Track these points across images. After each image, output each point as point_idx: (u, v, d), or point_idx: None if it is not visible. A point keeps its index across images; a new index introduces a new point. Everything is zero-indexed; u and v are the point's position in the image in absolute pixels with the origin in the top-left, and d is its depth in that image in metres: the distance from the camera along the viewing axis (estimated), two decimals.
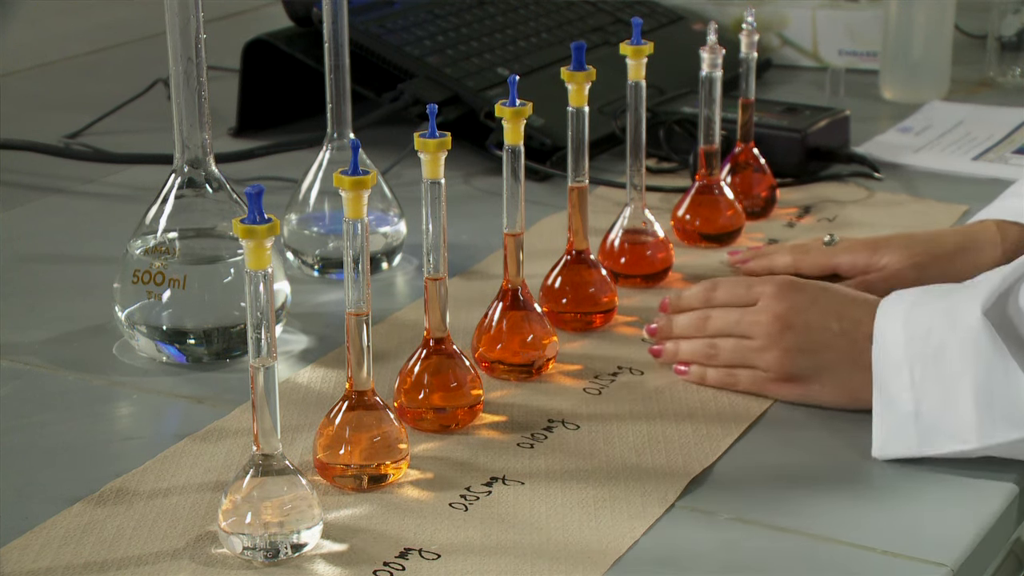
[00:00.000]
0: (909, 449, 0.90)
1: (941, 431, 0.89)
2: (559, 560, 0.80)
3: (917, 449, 0.90)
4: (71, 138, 1.51)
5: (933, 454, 0.90)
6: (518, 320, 1.00)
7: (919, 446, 0.90)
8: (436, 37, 1.51)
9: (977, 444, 0.88)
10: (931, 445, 0.90)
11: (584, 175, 1.04)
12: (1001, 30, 1.69)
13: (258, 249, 0.78)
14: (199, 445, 0.92)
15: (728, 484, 0.88)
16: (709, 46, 1.18)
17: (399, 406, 0.94)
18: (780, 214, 1.29)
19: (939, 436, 0.89)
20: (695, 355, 1.00)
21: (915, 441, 0.90)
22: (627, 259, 1.14)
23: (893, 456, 0.90)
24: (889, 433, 0.91)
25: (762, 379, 0.97)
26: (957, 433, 0.89)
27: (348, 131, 1.15)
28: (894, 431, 0.91)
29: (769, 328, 0.97)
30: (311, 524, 0.81)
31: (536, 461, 0.91)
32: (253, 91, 1.52)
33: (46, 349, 1.06)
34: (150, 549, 0.81)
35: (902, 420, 0.90)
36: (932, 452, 0.90)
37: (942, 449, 0.89)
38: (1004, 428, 0.87)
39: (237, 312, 1.02)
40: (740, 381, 0.98)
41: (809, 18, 1.73)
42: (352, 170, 0.83)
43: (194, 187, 1.03)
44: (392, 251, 1.19)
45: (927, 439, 0.90)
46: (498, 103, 0.95)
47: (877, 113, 1.58)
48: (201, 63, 0.99)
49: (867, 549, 0.81)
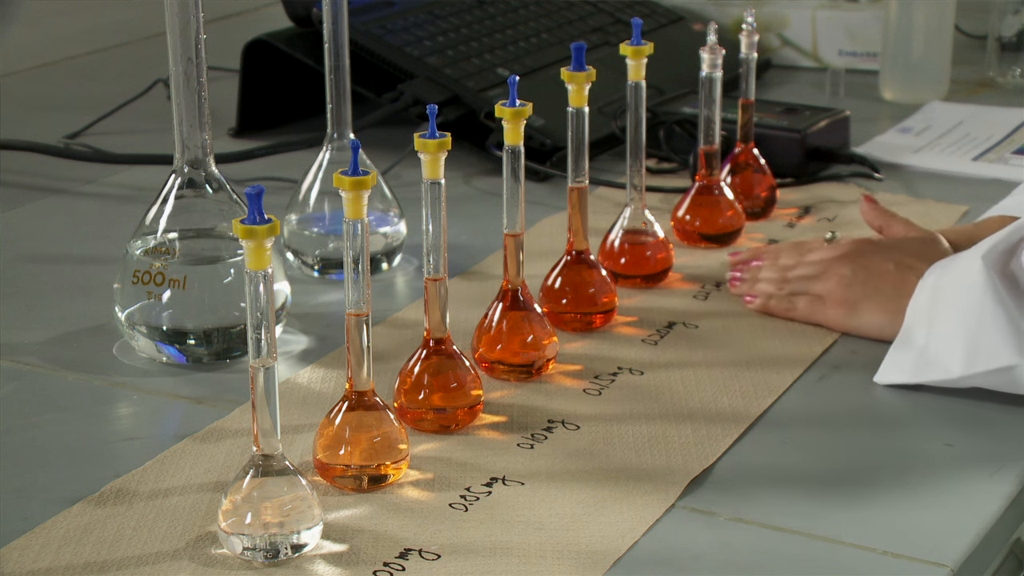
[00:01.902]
0: (903, 376, 0.98)
1: (932, 361, 0.97)
2: (559, 560, 0.80)
3: (910, 376, 0.98)
4: (71, 138, 1.51)
5: (923, 381, 0.98)
6: (518, 320, 1.00)
7: (912, 374, 0.98)
8: (436, 37, 1.51)
9: (960, 373, 0.96)
10: (922, 373, 0.98)
11: (584, 175, 1.04)
12: (1001, 30, 1.69)
13: (258, 249, 0.78)
14: (199, 446, 0.92)
15: (728, 484, 0.88)
16: (709, 46, 1.18)
17: (399, 406, 0.94)
18: (780, 214, 1.29)
19: (930, 365, 0.97)
20: (769, 284, 1.10)
21: (910, 369, 0.98)
22: (627, 259, 1.14)
23: (890, 382, 0.99)
24: (891, 361, 0.99)
25: (817, 305, 1.07)
26: (945, 363, 0.97)
27: (348, 131, 1.15)
28: (896, 359, 0.99)
29: (832, 262, 1.07)
30: (311, 524, 0.81)
31: (536, 461, 0.91)
32: (253, 91, 1.52)
33: (46, 349, 1.06)
34: (150, 549, 0.81)
35: (905, 351, 0.99)
36: (922, 380, 0.98)
37: (930, 377, 0.97)
38: (985, 359, 0.95)
39: (237, 312, 1.02)
40: (797, 307, 1.08)
41: (809, 19, 1.73)
42: (352, 170, 0.83)
43: (194, 187, 1.03)
44: (392, 251, 1.19)
45: (920, 368, 0.98)
46: (498, 103, 0.95)
47: (877, 113, 1.58)
48: (201, 63, 0.99)
49: (867, 549, 0.81)
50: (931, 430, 0.94)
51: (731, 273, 1.14)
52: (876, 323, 1.04)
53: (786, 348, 1.05)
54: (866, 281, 1.05)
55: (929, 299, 1.00)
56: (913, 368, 0.98)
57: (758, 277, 1.11)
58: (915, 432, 0.94)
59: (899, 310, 1.02)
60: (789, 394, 0.99)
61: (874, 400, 0.98)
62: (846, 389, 1.00)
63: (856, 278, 1.06)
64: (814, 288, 1.07)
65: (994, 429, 0.94)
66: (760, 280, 1.11)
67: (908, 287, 1.02)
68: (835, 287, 1.06)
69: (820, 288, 1.07)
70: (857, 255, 1.07)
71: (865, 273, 1.05)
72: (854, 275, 1.06)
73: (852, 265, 1.06)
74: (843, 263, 1.07)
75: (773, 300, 1.09)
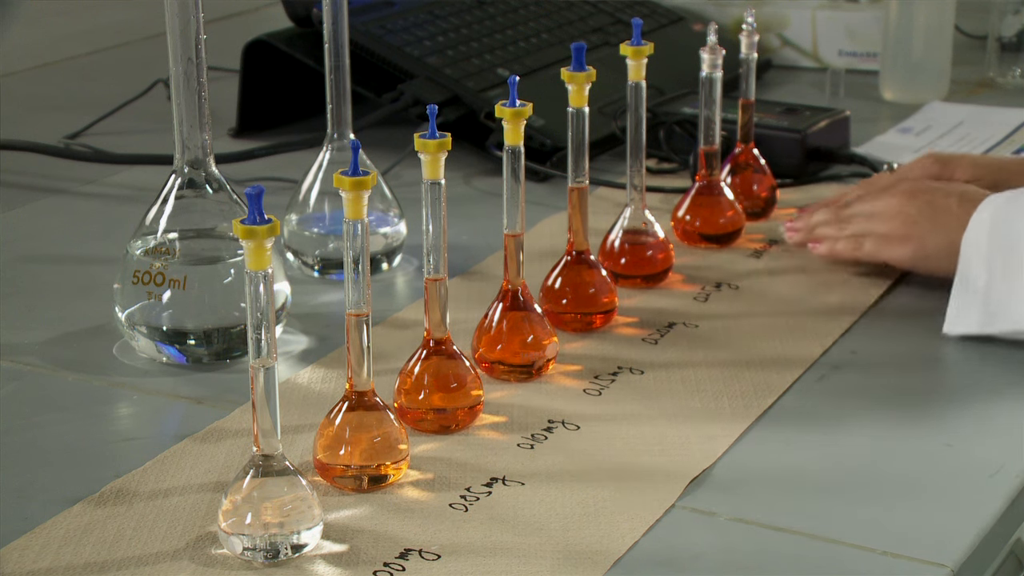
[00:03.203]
0: (971, 327, 1.00)
1: (999, 311, 0.99)
2: (559, 560, 0.80)
3: (979, 328, 1.00)
4: (71, 138, 1.51)
5: (994, 332, 0.99)
6: (518, 321, 1.00)
7: (981, 326, 0.99)
8: (436, 38, 1.51)
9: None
10: (992, 324, 0.99)
11: (584, 176, 1.04)
12: (1001, 30, 1.69)
13: (258, 250, 0.78)
14: (199, 446, 0.92)
15: (728, 484, 0.88)
16: (709, 47, 1.18)
17: (399, 407, 0.94)
18: (780, 215, 1.29)
19: (998, 316, 0.99)
20: (829, 228, 1.12)
21: (979, 320, 1.00)
22: (627, 260, 1.14)
23: (960, 333, 1.01)
24: (958, 312, 1.01)
25: (883, 244, 1.08)
26: (1014, 313, 0.98)
27: (348, 132, 1.15)
28: (963, 310, 1.00)
29: (895, 201, 1.08)
30: (311, 525, 0.81)
31: (536, 461, 0.91)
32: (253, 92, 1.52)
33: (46, 350, 1.06)
34: (150, 550, 0.81)
35: (971, 299, 1.00)
36: (993, 331, 0.99)
37: (1000, 328, 0.99)
38: None
39: (237, 313, 1.02)
40: (864, 246, 1.10)
41: (809, 19, 1.73)
42: (352, 171, 0.83)
43: (194, 188, 1.03)
44: (392, 252, 1.19)
45: (989, 319, 0.99)
46: (498, 104, 0.95)
47: (877, 114, 1.58)
48: (201, 64, 0.99)
49: (867, 549, 0.81)
50: (931, 430, 0.94)
51: (786, 224, 1.17)
52: (943, 260, 1.05)
53: (786, 348, 1.05)
54: (932, 216, 1.06)
55: (988, 235, 1.00)
56: (980, 319, 0.99)
57: (812, 223, 1.13)
58: (915, 432, 0.94)
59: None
60: (789, 394, 0.99)
61: (874, 400, 0.98)
62: (846, 389, 1.00)
63: (921, 214, 1.06)
64: (878, 228, 1.09)
65: (994, 429, 0.94)
66: (816, 225, 1.12)
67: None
68: (900, 225, 1.07)
69: (884, 228, 1.08)
70: (920, 192, 1.08)
71: (930, 210, 1.06)
72: (919, 211, 1.06)
73: (916, 202, 1.07)
74: (906, 201, 1.07)
75: (840, 243, 1.11)
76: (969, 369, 1.03)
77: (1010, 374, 1.01)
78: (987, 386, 1.00)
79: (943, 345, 1.05)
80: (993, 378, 1.01)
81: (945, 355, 1.04)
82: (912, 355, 1.04)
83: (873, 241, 1.09)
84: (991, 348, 1.04)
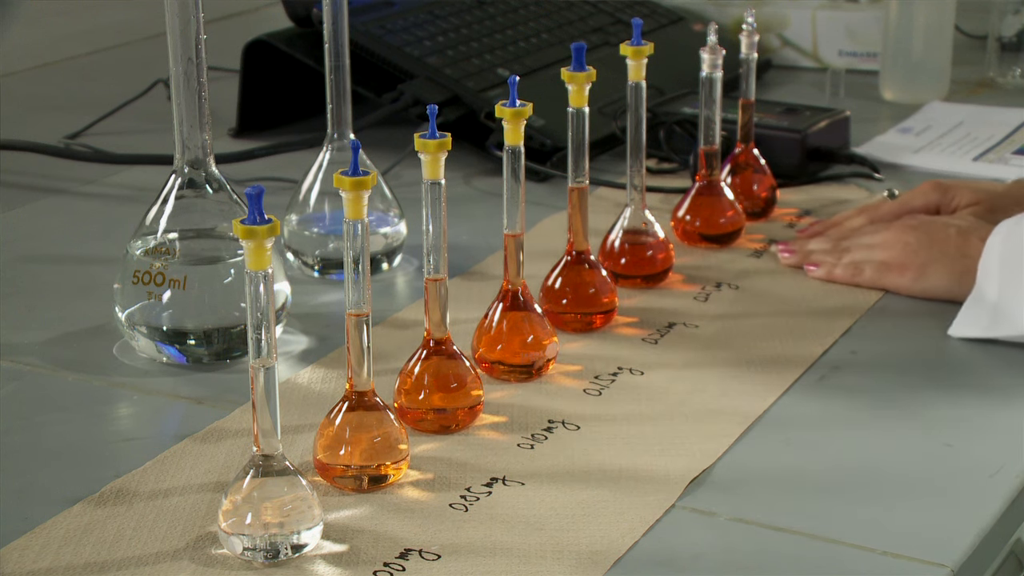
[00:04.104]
0: (977, 330, 1.04)
1: (1005, 316, 1.03)
2: (559, 560, 0.80)
3: (984, 331, 1.04)
4: (71, 138, 1.51)
5: (996, 336, 1.03)
6: (518, 321, 1.00)
7: (986, 329, 1.04)
8: (436, 38, 1.51)
9: None
10: (995, 328, 1.03)
11: (584, 176, 1.04)
12: (1001, 30, 1.69)
13: (258, 250, 0.78)
14: (199, 446, 0.92)
15: (728, 484, 0.88)
16: (709, 47, 1.18)
17: (399, 407, 0.94)
18: (780, 215, 1.29)
19: (1003, 320, 1.03)
20: (825, 253, 1.16)
21: (984, 324, 1.04)
22: (627, 260, 1.14)
23: (964, 336, 1.05)
24: (965, 316, 1.05)
25: (883, 271, 1.12)
26: (1018, 319, 1.02)
27: (348, 132, 1.15)
28: (970, 314, 1.05)
29: (894, 231, 1.13)
30: (311, 525, 0.81)
31: (536, 461, 0.91)
32: (253, 92, 1.52)
33: (46, 350, 1.06)
34: (150, 550, 0.81)
35: (981, 310, 1.04)
36: (995, 334, 1.03)
37: (1004, 331, 1.03)
38: None
39: (237, 313, 1.02)
40: (864, 271, 1.13)
41: (809, 19, 1.73)
42: (352, 171, 0.83)
43: (194, 188, 1.03)
44: (392, 252, 1.19)
45: (993, 323, 1.04)
46: (498, 104, 0.95)
47: (877, 114, 1.58)
48: (201, 64, 0.99)
49: (867, 549, 0.81)
50: (931, 430, 0.94)
51: (778, 246, 1.19)
52: (943, 284, 1.10)
53: (786, 348, 1.05)
54: (930, 246, 1.11)
55: (999, 256, 1.05)
56: (987, 323, 1.04)
57: (808, 248, 1.17)
58: (915, 432, 0.94)
59: (965, 270, 1.08)
60: (789, 394, 0.99)
61: (874, 400, 0.98)
62: (846, 389, 1.00)
63: (920, 244, 1.12)
64: (877, 256, 1.13)
65: (994, 429, 0.94)
66: (812, 251, 1.16)
67: (971, 248, 1.09)
68: (900, 254, 1.12)
69: (884, 255, 1.13)
70: (917, 224, 1.13)
71: (928, 239, 1.11)
72: (918, 241, 1.12)
73: (914, 232, 1.12)
74: (905, 231, 1.13)
75: (838, 269, 1.14)
76: (969, 369, 1.03)
77: (1010, 375, 1.01)
78: (987, 386, 1.00)
79: (943, 345, 1.05)
80: (993, 379, 1.01)
81: (945, 355, 1.05)
82: (912, 355, 1.04)
83: (873, 268, 1.13)
84: (991, 348, 1.04)
